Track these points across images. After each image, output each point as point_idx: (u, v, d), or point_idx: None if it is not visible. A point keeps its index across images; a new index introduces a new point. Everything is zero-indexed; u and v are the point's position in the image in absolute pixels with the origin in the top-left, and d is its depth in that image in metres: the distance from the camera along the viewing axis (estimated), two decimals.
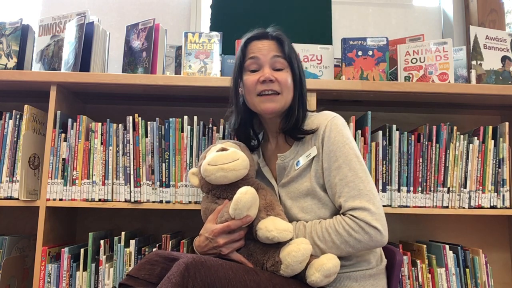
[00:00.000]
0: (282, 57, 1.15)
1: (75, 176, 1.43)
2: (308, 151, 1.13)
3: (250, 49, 1.17)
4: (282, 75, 1.13)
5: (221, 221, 1.04)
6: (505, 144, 1.51)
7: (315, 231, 1.04)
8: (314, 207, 1.09)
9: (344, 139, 1.08)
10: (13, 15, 2.10)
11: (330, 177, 1.07)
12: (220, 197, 1.12)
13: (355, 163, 1.05)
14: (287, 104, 1.15)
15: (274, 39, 1.17)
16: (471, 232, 1.75)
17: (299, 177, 1.13)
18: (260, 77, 1.12)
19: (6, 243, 1.41)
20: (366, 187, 1.03)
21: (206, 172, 1.07)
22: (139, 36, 1.55)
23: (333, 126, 1.10)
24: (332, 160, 1.07)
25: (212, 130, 1.46)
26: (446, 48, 1.56)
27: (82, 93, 1.61)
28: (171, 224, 1.71)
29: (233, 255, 1.04)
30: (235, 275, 0.90)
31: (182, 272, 0.84)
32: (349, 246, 1.01)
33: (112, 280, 1.37)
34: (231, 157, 1.07)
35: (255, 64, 1.15)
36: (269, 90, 1.12)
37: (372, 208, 1.00)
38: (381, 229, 1.00)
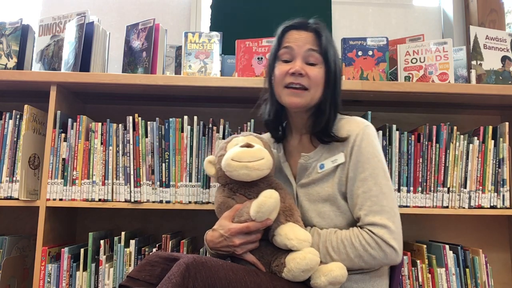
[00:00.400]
0: (317, 51, 1.08)
1: (75, 176, 1.43)
2: (334, 156, 1.09)
3: (286, 38, 1.11)
4: (314, 71, 1.08)
5: (239, 220, 1.01)
6: (505, 144, 1.51)
7: (330, 240, 1.02)
8: (332, 214, 1.07)
9: (374, 151, 1.05)
10: (13, 15, 2.10)
11: (354, 188, 1.04)
12: (237, 192, 1.07)
13: (382, 177, 1.03)
14: (313, 101, 1.10)
15: (313, 31, 1.10)
16: (471, 232, 1.75)
17: (321, 181, 1.09)
18: (290, 69, 1.07)
19: (6, 243, 1.41)
20: (389, 204, 1.01)
21: (228, 167, 1.02)
22: (139, 36, 1.55)
23: (365, 136, 1.06)
24: (359, 170, 1.04)
25: (212, 130, 1.46)
26: (446, 48, 1.56)
27: (82, 93, 1.61)
28: (171, 224, 1.71)
29: (247, 256, 1.02)
30: (236, 275, 0.90)
31: (182, 273, 0.84)
32: (363, 261, 0.99)
33: (112, 280, 1.37)
34: (257, 156, 1.03)
35: (288, 54, 1.10)
36: (297, 84, 1.07)
37: (392, 227, 0.99)
38: (398, 248, 0.99)
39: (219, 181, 1.12)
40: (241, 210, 1.02)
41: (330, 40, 1.11)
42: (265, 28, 1.96)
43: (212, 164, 1.12)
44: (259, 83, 1.46)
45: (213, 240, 1.05)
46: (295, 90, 1.08)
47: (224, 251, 1.04)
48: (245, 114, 1.73)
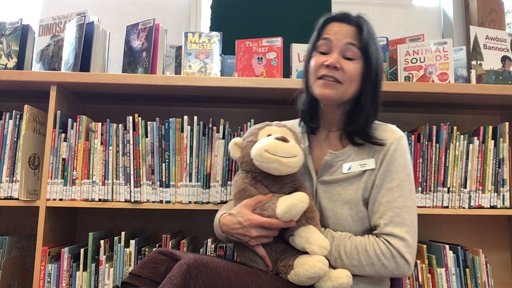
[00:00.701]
0: (356, 46, 1.06)
1: (75, 176, 1.43)
2: (364, 160, 1.07)
3: (326, 29, 1.09)
4: (350, 65, 1.05)
5: (261, 213, 0.98)
6: (505, 144, 1.51)
7: (344, 245, 1.01)
8: (349, 218, 1.05)
9: (405, 163, 1.05)
10: (13, 15, 2.10)
11: (378, 195, 1.03)
12: (260, 182, 1.05)
13: (408, 191, 1.03)
14: (345, 96, 1.07)
15: (355, 25, 1.08)
16: (471, 232, 1.75)
17: (345, 183, 1.08)
18: (326, 61, 1.05)
19: (6, 243, 1.41)
20: (410, 217, 1.01)
21: (261, 157, 0.99)
22: (139, 36, 1.55)
23: (399, 146, 1.05)
24: (387, 179, 1.03)
25: (212, 130, 1.46)
26: (446, 48, 1.56)
27: (82, 93, 1.61)
28: (171, 224, 1.71)
29: (259, 249, 1.00)
30: (237, 277, 0.89)
31: (183, 273, 0.84)
32: (374, 270, 0.99)
33: (112, 280, 1.37)
34: (291, 152, 0.99)
35: (326, 46, 1.07)
36: (330, 77, 1.05)
37: (410, 240, 0.99)
38: (411, 262, 0.99)
39: (242, 166, 1.09)
40: (265, 203, 1.00)
41: (372, 36, 1.08)
42: (265, 28, 1.96)
43: (238, 146, 1.09)
44: (259, 83, 1.46)
45: (229, 224, 1.02)
46: (328, 81, 1.05)
47: (236, 238, 1.02)
48: (245, 114, 1.74)
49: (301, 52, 1.58)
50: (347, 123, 1.11)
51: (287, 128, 1.09)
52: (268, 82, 1.47)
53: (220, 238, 1.11)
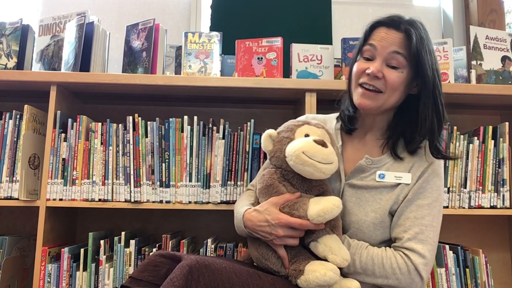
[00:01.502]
0: (402, 55, 1.01)
1: (75, 176, 1.43)
2: (400, 173, 1.06)
3: (373, 34, 1.06)
4: (393, 75, 1.02)
5: (291, 213, 0.96)
6: (505, 144, 1.51)
7: (360, 254, 1.00)
8: (371, 226, 1.04)
9: (439, 185, 1.05)
10: (13, 15, 2.10)
11: (407, 210, 1.03)
12: (288, 180, 1.02)
13: (437, 211, 1.03)
14: (386, 106, 1.05)
15: (404, 32, 1.02)
16: (471, 232, 1.75)
17: (376, 191, 1.06)
18: (367, 69, 1.03)
19: (6, 243, 1.41)
20: (433, 238, 1.01)
21: (296, 158, 0.96)
22: (139, 36, 1.55)
23: (436, 167, 1.06)
24: (420, 196, 1.03)
25: (212, 130, 1.46)
26: (446, 48, 1.56)
27: (82, 93, 1.61)
28: (171, 224, 1.71)
29: (281, 249, 0.98)
30: (239, 278, 0.89)
31: (185, 275, 0.83)
32: (386, 282, 0.98)
33: (112, 280, 1.37)
34: (329, 159, 0.97)
35: (370, 52, 1.04)
36: (370, 85, 1.03)
37: (429, 259, 0.99)
38: (425, 279, 0.98)
39: (271, 160, 1.05)
40: (296, 203, 0.97)
41: (424, 43, 1.01)
42: (265, 28, 1.96)
43: (272, 139, 1.05)
44: (259, 83, 1.46)
45: (254, 221, 1.00)
46: (367, 91, 1.03)
47: (258, 235, 1.00)
48: (245, 114, 1.74)
49: (301, 52, 1.58)
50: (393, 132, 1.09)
51: (325, 130, 1.06)
52: (268, 82, 1.47)
53: (240, 232, 1.08)
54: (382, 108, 1.06)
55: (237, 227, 1.08)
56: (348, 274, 1.01)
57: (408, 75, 1.03)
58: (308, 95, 1.47)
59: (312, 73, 1.57)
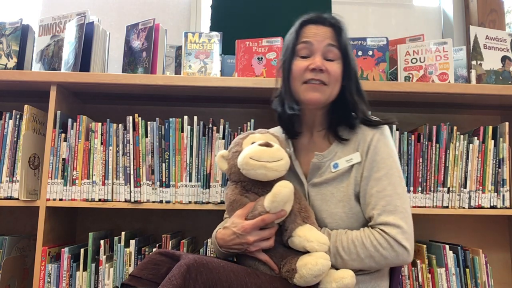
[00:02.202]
0: (336, 47, 1.07)
1: (75, 176, 1.43)
2: (349, 155, 1.08)
3: (304, 32, 1.09)
4: (333, 66, 1.07)
5: (253, 215, 0.99)
6: (505, 144, 1.51)
7: (341, 241, 1.01)
8: (344, 216, 1.05)
9: (390, 152, 1.05)
10: (13, 15, 2.10)
11: (367, 187, 1.04)
12: (250, 190, 1.05)
13: (396, 178, 1.03)
14: (331, 97, 1.09)
15: (332, 26, 1.09)
16: (471, 232, 1.75)
17: (335, 181, 1.08)
18: (310, 65, 1.05)
19: (6, 243, 1.41)
20: (402, 204, 1.01)
21: (246, 165, 1.00)
22: (139, 36, 1.55)
23: (381, 136, 1.07)
24: (374, 170, 1.04)
25: (212, 130, 1.46)
26: (446, 48, 1.56)
27: (82, 93, 1.61)
28: (171, 224, 1.71)
29: (260, 254, 1.00)
30: (237, 277, 0.89)
31: (183, 274, 0.83)
32: (373, 261, 0.99)
33: (112, 280, 1.37)
34: (276, 156, 1.00)
35: (307, 49, 1.08)
36: (316, 80, 1.06)
37: (405, 227, 0.98)
38: (409, 248, 0.98)
39: (231, 177, 1.10)
40: (254, 205, 1.00)
41: (348, 35, 1.10)
42: (265, 28, 1.96)
43: (225, 159, 1.10)
44: (259, 83, 1.46)
45: (225, 238, 1.02)
46: (315, 85, 1.06)
47: (236, 249, 1.02)
48: (245, 114, 1.73)
49: None
50: (331, 121, 1.12)
51: (270, 134, 1.10)
52: (268, 82, 1.47)
53: (219, 254, 1.10)
54: (328, 101, 1.09)
55: (215, 251, 1.10)
56: (337, 265, 1.01)
57: (342, 66, 1.08)
58: None
59: None
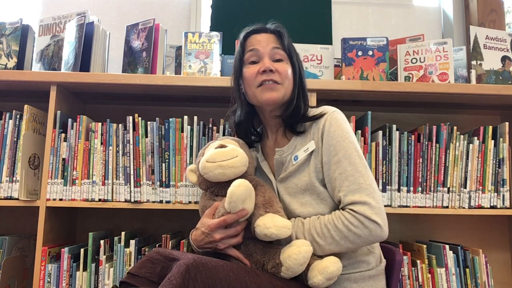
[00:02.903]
0: (281, 48, 1.14)
1: (75, 176, 1.43)
2: (306, 145, 1.11)
3: (249, 42, 1.17)
4: (282, 66, 1.13)
5: (218, 216, 1.03)
6: (505, 144, 1.51)
7: (314, 227, 1.03)
8: (313, 202, 1.08)
9: (344, 133, 1.07)
10: (13, 15, 2.10)
11: (330, 172, 1.06)
12: (218, 194, 1.11)
13: (355, 157, 1.04)
14: (287, 95, 1.14)
15: (273, 33, 1.17)
16: (471, 232, 1.75)
17: (297, 172, 1.12)
18: (260, 68, 1.11)
19: (6, 243, 1.41)
20: (366, 181, 1.02)
21: (204, 169, 1.06)
22: (139, 36, 1.55)
23: (333, 121, 1.09)
24: (332, 154, 1.06)
25: (212, 130, 1.46)
26: (446, 48, 1.56)
27: (82, 93, 1.61)
28: (171, 224, 1.71)
29: (230, 250, 1.04)
30: (236, 276, 0.90)
31: (182, 274, 0.84)
32: (349, 242, 1.00)
33: (112, 280, 1.37)
34: (229, 154, 1.06)
35: (254, 56, 1.14)
36: (269, 80, 1.11)
37: (372, 202, 0.99)
38: (381, 223, 0.98)
39: (201, 187, 1.15)
40: (219, 206, 1.05)
41: (289, 39, 1.17)
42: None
43: (193, 172, 1.16)
44: None
45: (197, 238, 1.07)
46: (269, 85, 1.11)
47: (207, 248, 1.05)
48: None
49: (301, 52, 1.57)
50: (285, 118, 1.15)
51: (230, 138, 1.18)
52: None
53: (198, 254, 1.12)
54: (284, 99, 1.14)
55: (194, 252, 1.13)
56: (316, 252, 1.02)
57: (291, 66, 1.15)
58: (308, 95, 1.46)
59: (312, 73, 1.58)
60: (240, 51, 1.17)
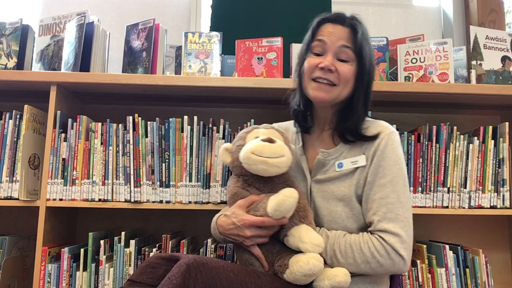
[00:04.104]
0: (351, 48, 1.06)
1: (75, 176, 1.43)
2: (355, 157, 1.07)
3: (320, 30, 1.09)
4: (344, 68, 1.06)
5: (254, 214, 0.99)
6: (505, 144, 1.51)
7: (338, 243, 1.01)
8: (343, 215, 1.05)
9: (397, 159, 1.04)
10: (13, 15, 2.10)
11: (371, 192, 1.03)
12: (251, 185, 1.06)
13: (401, 186, 1.02)
14: (339, 98, 1.08)
15: (349, 27, 1.08)
16: (471, 232, 1.75)
17: (338, 180, 1.08)
18: (320, 63, 1.05)
19: (6, 243, 1.41)
20: (404, 213, 1.00)
21: (248, 160, 1.00)
22: (139, 36, 1.55)
23: (389, 142, 1.05)
24: (379, 176, 1.03)
25: (212, 130, 1.46)
26: (446, 48, 1.56)
27: (82, 93, 1.61)
28: (171, 224, 1.71)
29: (254, 249, 1.01)
30: (236, 277, 0.89)
31: (183, 273, 0.84)
32: (369, 267, 0.98)
33: (112, 280, 1.37)
34: (278, 152, 1.00)
35: (320, 47, 1.08)
36: (324, 79, 1.05)
37: (404, 236, 0.98)
38: (406, 258, 0.98)
39: (233, 170, 1.10)
40: (257, 204, 1.00)
41: (366, 37, 1.08)
42: (265, 28, 1.96)
43: (228, 152, 1.10)
44: (259, 83, 1.46)
45: (224, 226, 1.04)
46: (322, 84, 1.06)
47: (231, 239, 1.03)
48: (245, 114, 1.74)
49: None
50: (339, 122, 1.12)
51: (275, 129, 1.10)
52: (268, 82, 1.47)
53: (217, 239, 1.12)
54: (336, 101, 1.08)
55: (213, 234, 1.13)
56: (332, 266, 1.01)
57: (356, 68, 1.07)
58: None
59: None
60: (310, 36, 1.10)
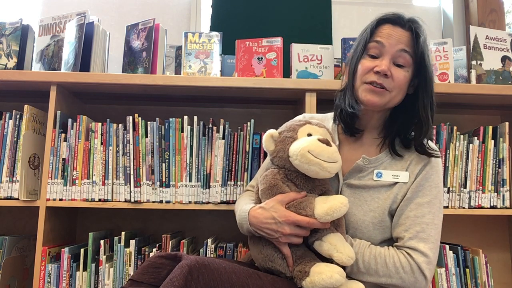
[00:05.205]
0: (410, 54, 1.01)
1: (75, 176, 1.43)
2: (397, 171, 1.05)
3: (379, 31, 1.04)
4: (400, 73, 1.01)
5: (297, 211, 0.96)
6: (505, 144, 1.51)
7: (362, 253, 1.00)
8: (371, 226, 1.03)
9: (439, 182, 1.05)
10: (13, 15, 2.10)
11: (406, 209, 1.02)
12: (291, 180, 1.01)
13: (437, 208, 1.03)
14: (390, 104, 1.04)
15: (409, 30, 1.02)
16: (471, 232, 1.75)
17: (374, 190, 1.06)
18: (376, 67, 1.01)
19: (6, 243, 1.41)
20: (435, 235, 1.00)
21: (302, 157, 0.95)
22: (139, 36, 1.55)
23: (435, 164, 1.05)
24: (419, 194, 1.03)
25: (212, 130, 1.46)
26: (446, 48, 1.56)
27: (82, 93, 1.61)
28: (171, 224, 1.71)
29: (285, 247, 0.98)
30: (238, 278, 0.89)
31: (185, 275, 0.83)
32: (390, 281, 0.98)
33: (112, 280, 1.37)
34: (334, 157, 0.97)
35: (377, 49, 1.03)
36: (378, 84, 1.01)
37: (432, 257, 0.98)
38: (429, 279, 0.98)
39: (274, 160, 1.04)
40: (302, 203, 0.97)
41: (427, 43, 1.03)
42: (265, 28, 1.96)
43: (273, 139, 1.03)
44: (259, 83, 1.46)
45: (260, 218, 0.98)
46: (376, 88, 1.01)
47: (265, 232, 0.98)
48: (245, 114, 1.74)
49: (301, 52, 1.58)
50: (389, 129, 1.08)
51: (327, 129, 1.05)
52: (268, 82, 1.47)
53: (243, 231, 1.06)
54: (387, 106, 1.05)
55: (240, 226, 1.06)
56: (351, 274, 1.01)
57: (411, 74, 1.03)
58: (308, 95, 1.47)
59: (312, 73, 1.57)
60: (368, 34, 1.04)
